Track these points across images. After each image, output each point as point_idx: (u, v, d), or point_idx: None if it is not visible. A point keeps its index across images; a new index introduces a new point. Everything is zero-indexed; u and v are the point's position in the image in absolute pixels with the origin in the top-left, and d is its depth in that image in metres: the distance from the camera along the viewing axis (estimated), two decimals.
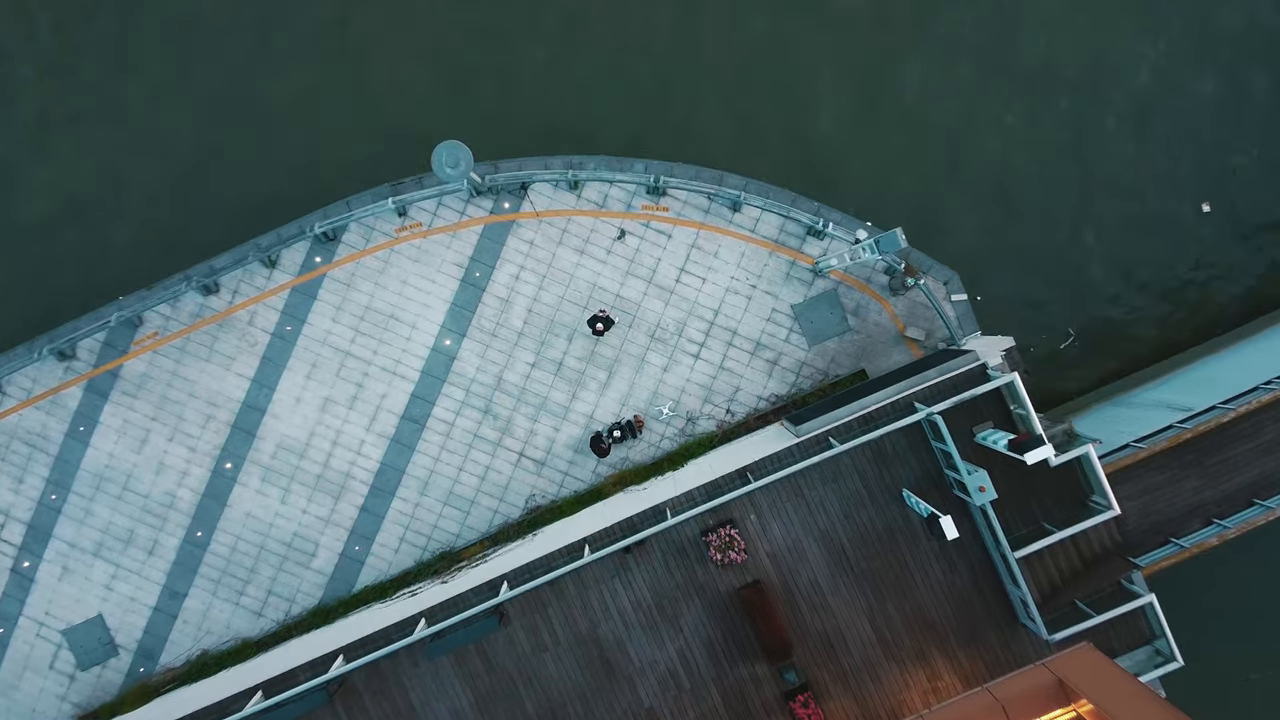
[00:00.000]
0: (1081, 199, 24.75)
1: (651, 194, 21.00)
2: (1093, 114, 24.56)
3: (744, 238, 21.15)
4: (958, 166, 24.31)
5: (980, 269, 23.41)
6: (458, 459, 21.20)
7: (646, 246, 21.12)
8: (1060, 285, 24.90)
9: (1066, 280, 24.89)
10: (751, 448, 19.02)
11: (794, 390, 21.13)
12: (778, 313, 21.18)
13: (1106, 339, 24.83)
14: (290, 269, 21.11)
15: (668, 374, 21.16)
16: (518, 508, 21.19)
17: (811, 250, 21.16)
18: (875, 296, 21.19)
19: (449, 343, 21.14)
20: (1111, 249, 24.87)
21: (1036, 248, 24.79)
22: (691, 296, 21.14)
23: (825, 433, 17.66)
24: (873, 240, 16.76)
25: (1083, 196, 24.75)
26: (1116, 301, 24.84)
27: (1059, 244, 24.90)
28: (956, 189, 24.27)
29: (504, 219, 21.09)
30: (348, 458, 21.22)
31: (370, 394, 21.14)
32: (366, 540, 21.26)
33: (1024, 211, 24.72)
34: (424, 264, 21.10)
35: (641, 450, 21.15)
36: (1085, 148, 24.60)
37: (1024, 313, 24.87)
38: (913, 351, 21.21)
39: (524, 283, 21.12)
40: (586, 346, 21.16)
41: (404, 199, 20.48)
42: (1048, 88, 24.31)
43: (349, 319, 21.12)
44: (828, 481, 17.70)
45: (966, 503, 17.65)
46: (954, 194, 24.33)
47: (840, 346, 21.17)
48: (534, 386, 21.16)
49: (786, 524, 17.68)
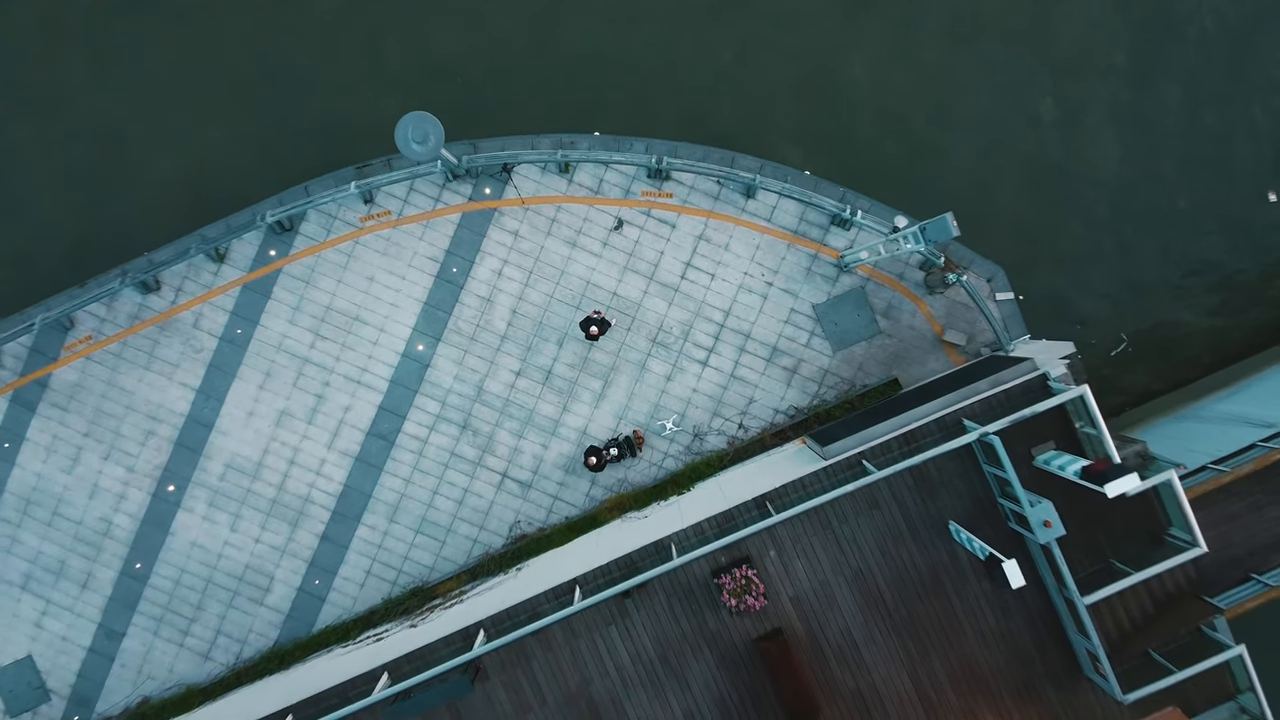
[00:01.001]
0: (1131, 190, 22.12)
1: (653, 178, 18.35)
2: (1143, 101, 21.93)
3: (759, 228, 18.50)
4: (995, 153, 21.68)
5: (1019, 266, 20.75)
6: (432, 481, 18.56)
7: (647, 238, 18.47)
8: (1109, 285, 22.28)
9: (1115, 279, 22.27)
10: (769, 471, 16.39)
11: (816, 402, 18.48)
12: (797, 313, 18.54)
13: (1163, 344, 22.20)
14: (241, 264, 18.46)
15: (672, 383, 18.52)
16: (500, 536, 18.55)
17: (836, 242, 18.51)
18: (909, 295, 18.54)
19: (422, 348, 18.50)
20: (1166, 244, 22.24)
21: (1081, 243, 22.18)
22: (699, 295, 18.50)
23: (858, 455, 15.02)
24: (917, 228, 14.10)
25: (1132, 187, 22.11)
26: (1174, 302, 22.21)
27: (1106, 239, 22.27)
28: (994, 178, 21.63)
29: (485, 206, 18.44)
30: (306, 479, 18.59)
31: (332, 406, 18.50)
32: (328, 573, 18.63)
33: (1067, 203, 22.10)
34: (393, 258, 18.45)
35: (642, 470, 18.52)
36: (1134, 135, 21.98)
37: (1069, 315, 22.26)
38: (951, 359, 18.56)
39: (507, 279, 18.47)
40: (579, 352, 18.53)
41: (370, 183, 17.83)
42: (1092, 72, 21.70)
43: (308, 321, 18.48)
44: (861, 513, 15.07)
45: (1024, 537, 15.04)
46: (991, 184, 21.70)
47: (869, 352, 18.52)
48: (519, 398, 18.53)
49: (813, 562, 15.05)
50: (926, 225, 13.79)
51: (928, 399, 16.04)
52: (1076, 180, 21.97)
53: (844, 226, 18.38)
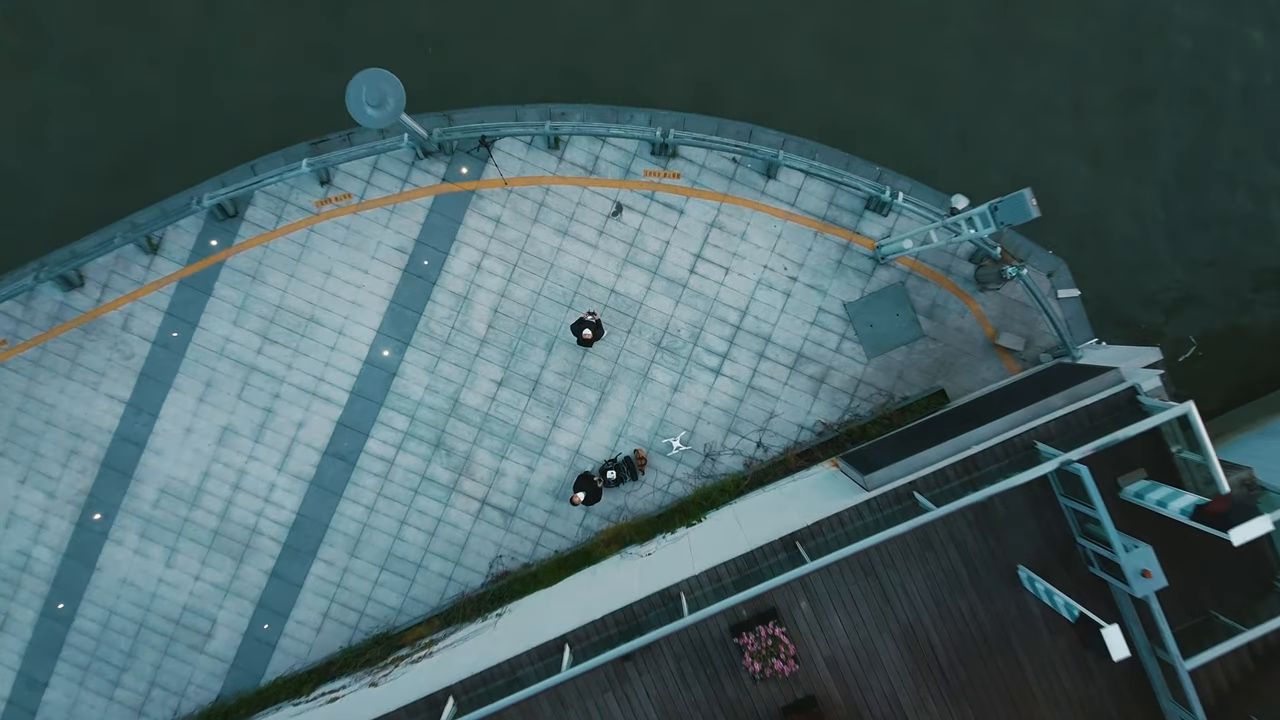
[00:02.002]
0: (1194, 175, 19.48)
1: (658, 155, 15.71)
2: (1209, 73, 19.29)
3: (781, 213, 15.86)
4: (1046, 133, 19.04)
5: (1072, 261, 18.10)
6: (399, 509, 15.93)
7: (651, 225, 15.84)
8: (1172, 282, 19.64)
9: (1179, 276, 19.64)
10: (797, 500, 13.75)
11: (848, 416, 15.84)
12: (826, 313, 15.90)
13: (1236, 348, 19.56)
14: (177, 256, 15.83)
15: (679, 395, 15.89)
16: (479, 574, 15.91)
17: (872, 230, 15.86)
18: (957, 292, 15.90)
19: (388, 354, 15.87)
20: (1237, 236, 19.61)
21: (1141, 236, 19.54)
22: (711, 292, 15.87)
23: (908, 486, 12.37)
24: (986, 209, 11.43)
25: (1196, 172, 19.47)
26: (1249, 301, 19.57)
27: (1168, 230, 19.61)
28: (1045, 160, 18.99)
29: (461, 188, 15.81)
30: (253, 507, 15.96)
31: (283, 422, 15.87)
32: (279, 616, 16.00)
33: (1118, 196, 19.47)
34: (354, 248, 15.82)
35: (644, 496, 15.88)
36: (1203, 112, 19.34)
37: (1112, 314, 19.59)
38: (1006, 366, 15.92)
39: (488, 273, 15.84)
40: (571, 359, 15.90)
41: (325, 160, 15.19)
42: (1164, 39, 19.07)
43: (255, 322, 15.85)
44: (911, 556, 12.42)
45: (1109, 585, 12.41)
46: (1037, 173, 19.05)
47: (910, 358, 15.88)
48: (501, 412, 15.89)
49: (853, 616, 12.41)
50: (999, 204, 11.13)
51: (984, 415, 13.42)
52: (1130, 171, 19.34)
53: (881, 211, 15.73)
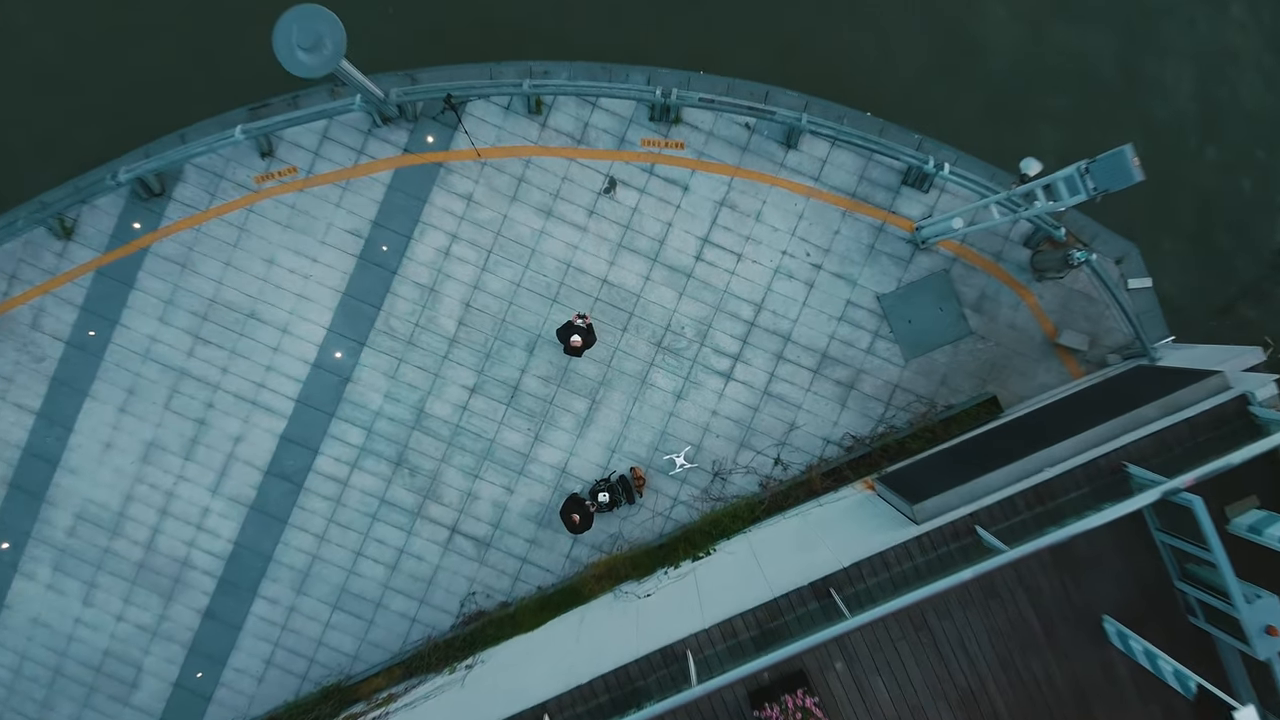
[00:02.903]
0: None
1: (658, 121, 13.37)
2: None
3: (803, 189, 13.51)
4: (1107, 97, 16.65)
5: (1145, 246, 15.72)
6: (354, 538, 13.59)
7: (650, 204, 13.49)
8: (1243, 273, 17.24)
9: (1251, 266, 17.24)
10: (826, 532, 11.40)
11: (882, 428, 13.48)
12: (856, 306, 13.55)
13: None
14: (94, 241, 13.50)
15: (683, 403, 13.54)
16: (448, 614, 13.56)
17: (910, 209, 13.50)
18: (1010, 282, 13.53)
19: (340, 355, 13.52)
20: None
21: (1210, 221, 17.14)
22: (720, 282, 13.52)
23: (968, 519, 10.00)
24: (1075, 171, 9.04)
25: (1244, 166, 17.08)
26: None
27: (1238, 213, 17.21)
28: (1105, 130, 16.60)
29: (426, 160, 13.46)
30: (184, 536, 13.62)
31: (218, 436, 13.53)
32: (214, 663, 13.66)
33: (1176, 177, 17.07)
34: (301, 232, 13.48)
35: (642, 523, 13.54)
36: None
37: (1183, 307, 17.18)
38: (1069, 368, 13.55)
39: (458, 261, 13.49)
40: (557, 361, 13.55)
41: (264, 126, 12.84)
42: None
43: (185, 319, 13.51)
44: (972, 605, 10.07)
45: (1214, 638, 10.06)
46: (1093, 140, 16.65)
47: (955, 360, 13.52)
48: (474, 424, 13.54)
49: (899, 680, 10.05)
50: (1094, 165, 8.76)
51: (1054, 430, 11.06)
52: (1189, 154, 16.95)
53: (920, 186, 13.37)
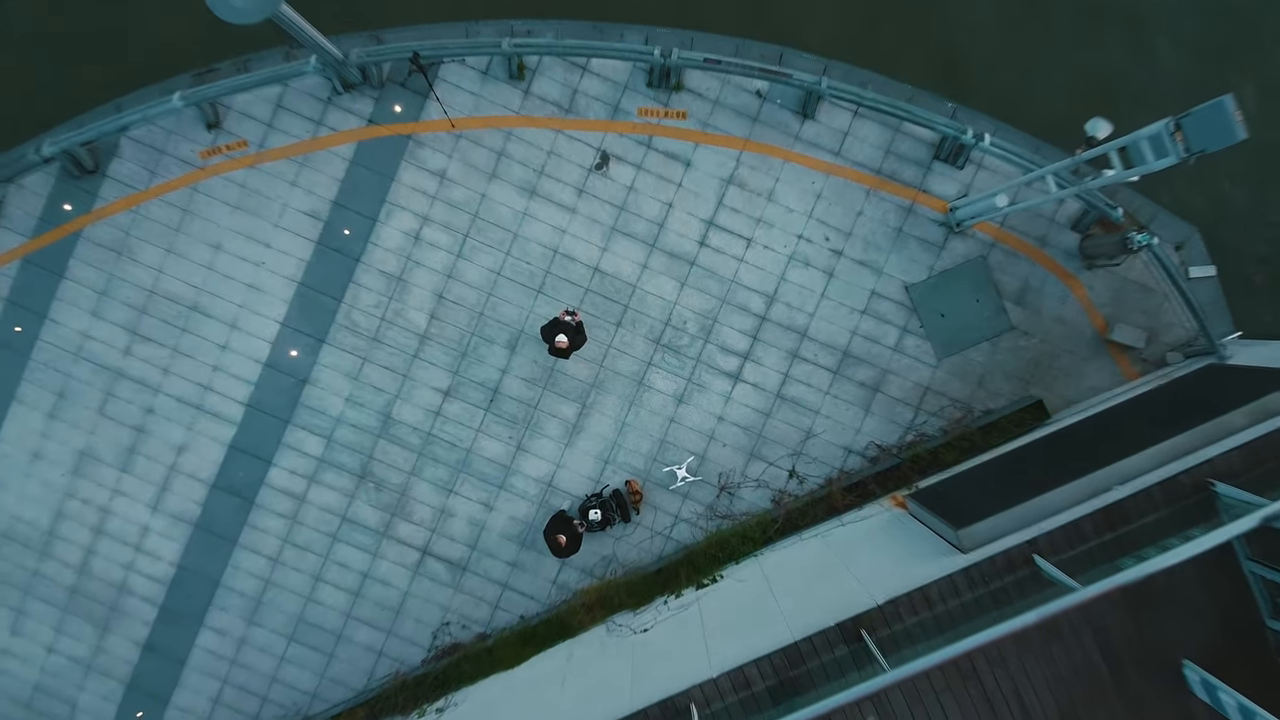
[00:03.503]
0: None
1: (657, 87, 11.77)
2: None
3: (822, 165, 11.91)
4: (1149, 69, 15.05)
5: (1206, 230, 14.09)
6: (312, 560, 12.01)
7: (648, 182, 11.90)
8: None
9: None
10: (851, 556, 9.81)
11: (911, 436, 11.88)
12: (881, 298, 11.95)
13: None
14: (20, 225, 11.92)
15: (686, 408, 11.96)
16: (419, 647, 11.98)
17: (943, 187, 11.90)
18: (1056, 270, 11.92)
19: (296, 354, 11.95)
20: None
21: None
22: (727, 271, 11.93)
23: (1025, 547, 8.41)
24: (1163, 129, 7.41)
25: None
26: None
27: None
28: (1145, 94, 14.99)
29: (394, 132, 11.88)
30: (121, 557, 12.05)
31: (159, 446, 11.96)
32: (156, 701, 12.09)
33: None
34: (252, 214, 11.90)
35: (639, 543, 11.95)
36: None
37: None
38: (1122, 369, 11.94)
39: (429, 247, 11.91)
40: (542, 360, 11.97)
41: (208, 91, 11.27)
42: None
43: (121, 313, 11.94)
44: (1030, 650, 8.46)
45: None
46: None
47: (994, 359, 11.93)
48: (448, 431, 11.96)
49: None
50: (1186, 120, 7.14)
51: (1115, 439, 9.47)
52: None
53: (955, 162, 11.77)
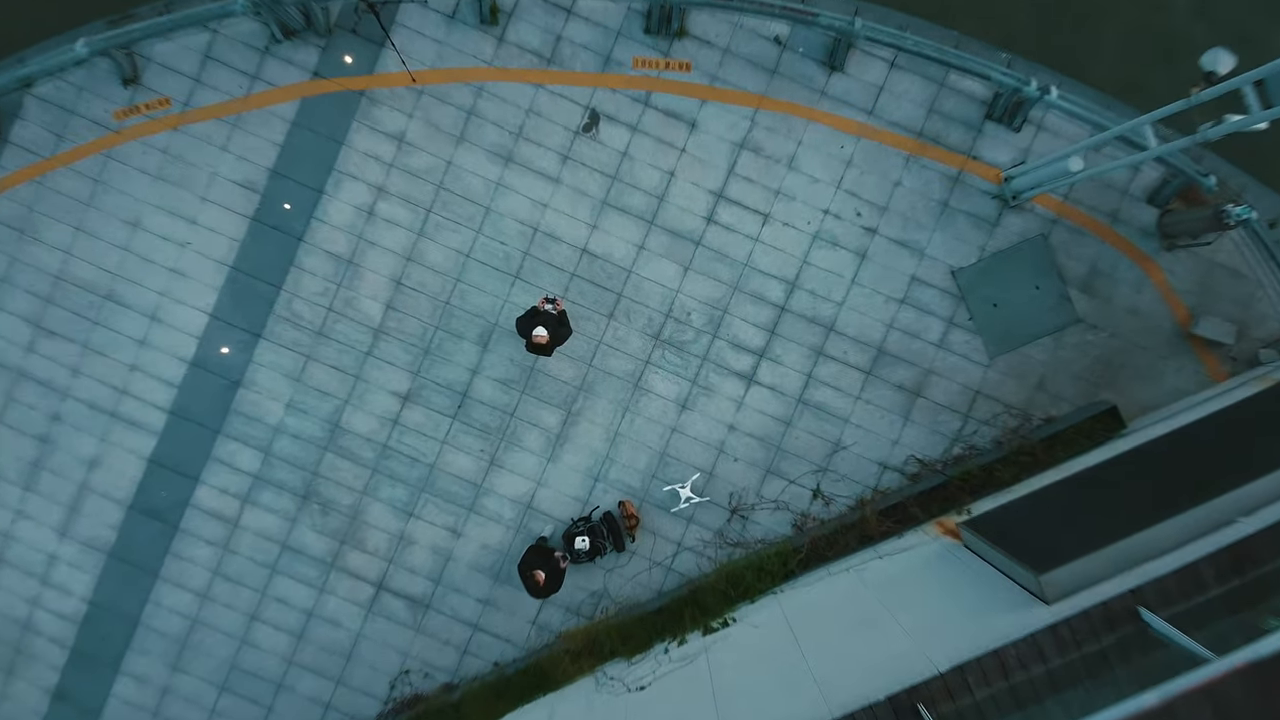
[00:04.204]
0: None
1: (655, 34, 9.92)
2: None
3: (851, 125, 10.04)
4: None
5: None
6: (248, 596, 10.16)
7: (646, 146, 10.04)
8: None
9: None
10: (894, 598, 7.94)
11: (959, 449, 10.01)
12: (923, 285, 10.09)
13: None
14: None
15: (690, 415, 10.10)
16: (374, 699, 10.13)
17: (996, 153, 10.03)
18: (1130, 251, 10.05)
19: (227, 351, 10.10)
20: None
21: None
22: (740, 252, 10.07)
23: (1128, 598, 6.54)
24: None
25: None
26: None
27: None
28: None
29: (343, 87, 10.03)
30: (25, 590, 10.22)
31: (67, 460, 10.12)
32: None
33: None
34: (176, 185, 10.05)
35: (634, 576, 10.09)
36: None
37: None
38: (1208, 369, 10.07)
39: (385, 223, 10.05)
40: (520, 359, 10.12)
41: (119, 36, 9.44)
42: None
43: (22, 302, 10.11)
44: None
45: None
46: None
47: (1057, 357, 10.05)
48: (408, 443, 10.10)
49: None
50: None
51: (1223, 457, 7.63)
52: None
53: (1011, 122, 9.90)
